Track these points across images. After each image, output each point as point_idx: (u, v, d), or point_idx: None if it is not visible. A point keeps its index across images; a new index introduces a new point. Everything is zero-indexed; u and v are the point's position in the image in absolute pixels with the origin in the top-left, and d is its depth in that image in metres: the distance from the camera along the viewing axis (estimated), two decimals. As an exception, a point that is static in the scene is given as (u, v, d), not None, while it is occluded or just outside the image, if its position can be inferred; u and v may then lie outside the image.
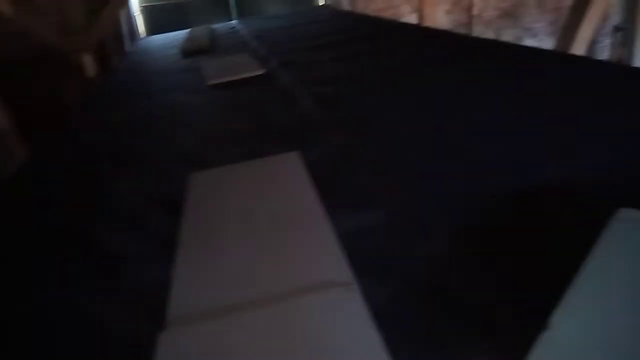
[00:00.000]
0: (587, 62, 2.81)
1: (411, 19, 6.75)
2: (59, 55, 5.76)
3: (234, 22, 6.87)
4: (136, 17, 7.69)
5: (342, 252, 1.15)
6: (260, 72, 3.32)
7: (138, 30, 7.73)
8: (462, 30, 8.22)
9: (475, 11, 9.04)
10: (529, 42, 8.95)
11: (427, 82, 2.62)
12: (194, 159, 1.99)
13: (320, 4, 8.45)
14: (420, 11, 5.99)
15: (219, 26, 6.39)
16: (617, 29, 6.19)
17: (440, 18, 6.66)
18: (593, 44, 6.63)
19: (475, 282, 1.06)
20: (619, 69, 2.70)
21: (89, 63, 5.53)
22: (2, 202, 1.88)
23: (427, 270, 1.12)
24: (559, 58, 3.04)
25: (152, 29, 7.79)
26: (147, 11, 7.94)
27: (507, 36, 9.07)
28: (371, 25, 4.94)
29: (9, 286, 1.30)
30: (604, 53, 7.56)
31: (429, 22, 5.76)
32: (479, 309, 0.97)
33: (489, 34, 8.78)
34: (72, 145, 2.48)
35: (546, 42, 8.84)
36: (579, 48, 4.38)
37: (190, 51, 4.61)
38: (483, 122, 1.94)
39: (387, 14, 7.95)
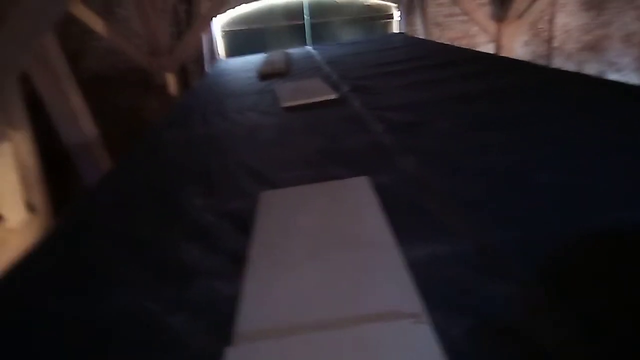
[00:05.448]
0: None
1: (487, 48, 6.61)
2: (144, 74, 6.17)
3: (308, 47, 7.06)
4: (217, 40, 8.10)
5: (411, 281, 1.12)
6: (332, 96, 3.36)
7: (218, 53, 8.13)
8: (541, 63, 7.95)
9: (555, 43, 8.73)
10: (613, 77, 8.50)
11: (502, 112, 2.54)
12: (265, 178, 2.03)
13: (394, 32, 8.51)
14: (497, 41, 5.85)
15: (295, 51, 6.58)
16: None
17: (518, 49, 6.48)
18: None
19: (550, 322, 0.99)
20: None
21: (171, 82, 5.87)
22: (84, 209, 2.01)
23: (501, 306, 1.06)
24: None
25: (232, 52, 8.16)
26: (228, 35, 8.35)
27: (590, 70, 8.67)
28: (445, 53, 4.89)
29: (82, 292, 1.37)
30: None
31: (506, 53, 5.62)
32: (553, 352, 0.91)
33: (570, 67, 8.43)
34: (151, 159, 2.61)
35: (632, 78, 8.35)
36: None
37: (266, 74, 4.77)
38: (560, 156, 1.84)
39: (462, 43, 7.86)
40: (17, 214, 2.45)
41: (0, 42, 2.27)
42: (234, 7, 7.81)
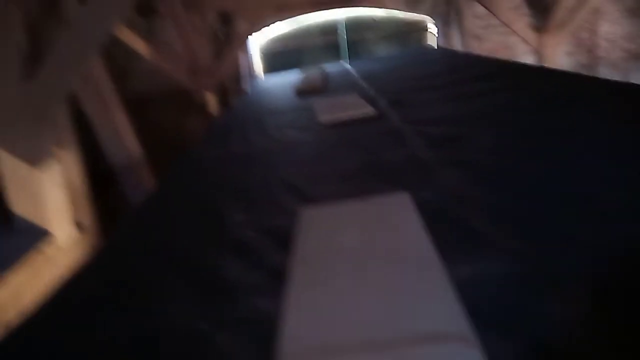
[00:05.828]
0: None
1: (527, 59, 6.47)
2: (185, 93, 6.34)
3: (344, 63, 7.10)
4: (254, 59, 8.26)
5: (458, 301, 1.08)
6: (369, 111, 3.35)
7: (256, 71, 8.28)
8: (585, 73, 7.71)
9: (600, 52, 8.45)
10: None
11: (546, 124, 2.46)
12: (304, 194, 2.03)
13: (430, 45, 8.46)
14: (539, 52, 5.72)
15: (331, 67, 6.63)
16: None
17: (560, 59, 6.31)
18: None
19: (608, 347, 0.93)
20: None
21: (211, 101, 6.01)
22: (130, 227, 2.06)
23: (555, 329, 1.01)
24: None
25: (269, 70, 8.30)
26: (265, 54, 8.51)
27: (637, 80, 8.33)
28: (483, 65, 4.81)
29: (130, 309, 1.39)
30: None
31: (549, 64, 5.48)
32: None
33: (616, 77, 8.13)
34: (193, 176, 2.66)
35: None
36: None
37: (303, 91, 4.81)
38: (612, 168, 1.76)
39: (501, 54, 7.71)
40: (65, 232, 2.54)
41: (48, 66, 2.38)
42: (269, 25, 7.95)
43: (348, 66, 6.68)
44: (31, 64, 2.40)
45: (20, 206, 2.41)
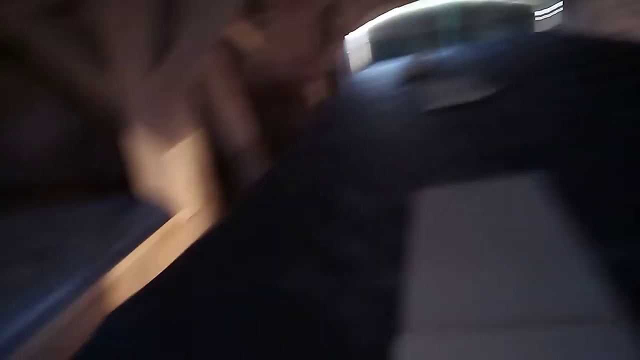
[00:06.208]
0: None
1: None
2: (291, 85, 6.53)
3: (453, 49, 6.86)
4: (357, 50, 8.28)
5: (602, 284, 1.00)
6: (481, 96, 3.21)
7: (358, 62, 8.31)
8: None
9: None
10: None
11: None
12: (419, 177, 2.00)
13: (547, 28, 7.88)
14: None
15: (438, 54, 6.45)
16: None
17: None
18: None
19: None
20: None
21: (315, 91, 6.14)
22: (249, 202, 2.17)
23: None
24: None
25: (374, 59, 8.29)
26: (370, 43, 8.50)
27: None
28: (604, 47, 4.39)
29: (256, 272, 1.47)
30: None
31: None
32: None
33: None
34: (304, 160, 2.74)
35: None
36: None
37: (409, 78, 4.74)
38: None
39: (632, 36, 6.96)
40: (191, 206, 2.76)
41: (177, 53, 2.57)
42: (373, 18, 7.92)
43: (456, 52, 6.45)
44: (161, 51, 2.61)
45: (152, 181, 2.66)
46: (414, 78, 4.78)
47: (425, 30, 8.60)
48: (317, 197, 2.03)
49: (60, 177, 3.86)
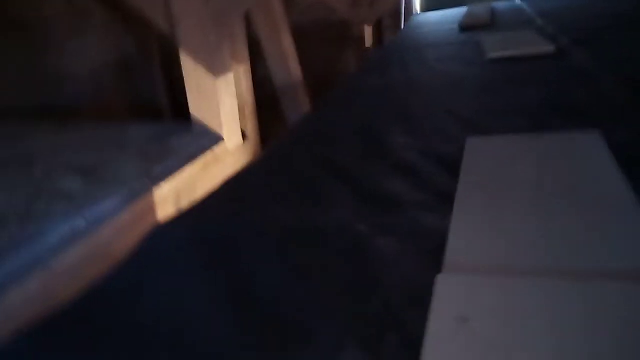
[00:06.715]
0: None
1: None
2: (342, 26, 6.32)
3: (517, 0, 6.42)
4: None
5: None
6: (548, 49, 3.00)
7: (413, 7, 7.94)
8: None
9: None
10: None
11: None
12: (472, 125, 1.91)
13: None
14: None
15: (501, 3, 6.06)
16: None
17: None
18: None
19: None
20: None
21: (368, 34, 5.93)
22: (291, 139, 2.14)
23: None
24: None
25: (429, 6, 7.89)
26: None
27: None
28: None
29: (295, 205, 1.45)
30: None
31: None
32: None
33: None
34: (352, 100, 2.67)
35: None
36: None
37: (469, 25, 4.49)
38: None
39: None
40: (234, 138, 2.76)
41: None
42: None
43: (521, 2, 6.04)
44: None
45: (198, 110, 2.66)
46: (473, 26, 4.52)
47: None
48: (364, 137, 1.97)
49: (108, 100, 3.95)
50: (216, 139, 2.60)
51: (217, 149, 2.57)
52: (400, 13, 7.39)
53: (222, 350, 0.89)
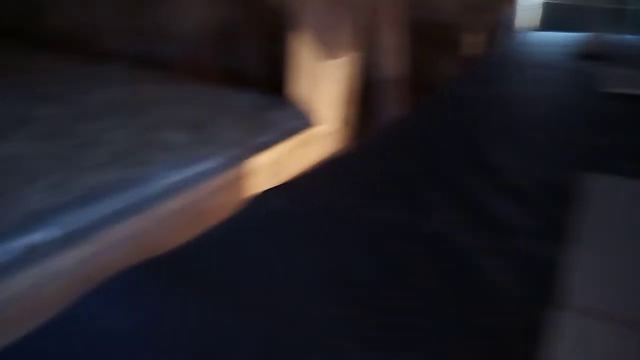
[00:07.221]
0: None
1: None
2: (445, 30, 6.15)
3: (635, 35, 5.99)
4: (528, 10, 7.55)
5: None
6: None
7: (526, 23, 7.61)
8: None
9: None
10: None
11: None
12: (584, 158, 1.81)
13: None
14: None
15: (625, 37, 5.69)
16: None
17: None
18: None
19: None
20: None
21: (472, 43, 5.74)
22: (392, 133, 2.12)
23: None
24: None
25: (544, 25, 7.54)
26: (544, 8, 7.70)
27: None
28: None
29: (390, 202, 1.45)
30: None
31: None
32: None
33: None
34: (454, 110, 2.59)
35: None
36: None
37: (587, 53, 4.24)
38: None
39: None
40: (333, 122, 2.78)
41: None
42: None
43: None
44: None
45: (303, 88, 2.70)
46: (590, 56, 4.27)
47: (612, 5, 7.57)
48: (468, 150, 1.92)
49: (204, 62, 4.07)
50: (314, 120, 2.63)
51: (315, 130, 2.60)
52: (508, 27, 7.11)
53: (322, 326, 0.90)
